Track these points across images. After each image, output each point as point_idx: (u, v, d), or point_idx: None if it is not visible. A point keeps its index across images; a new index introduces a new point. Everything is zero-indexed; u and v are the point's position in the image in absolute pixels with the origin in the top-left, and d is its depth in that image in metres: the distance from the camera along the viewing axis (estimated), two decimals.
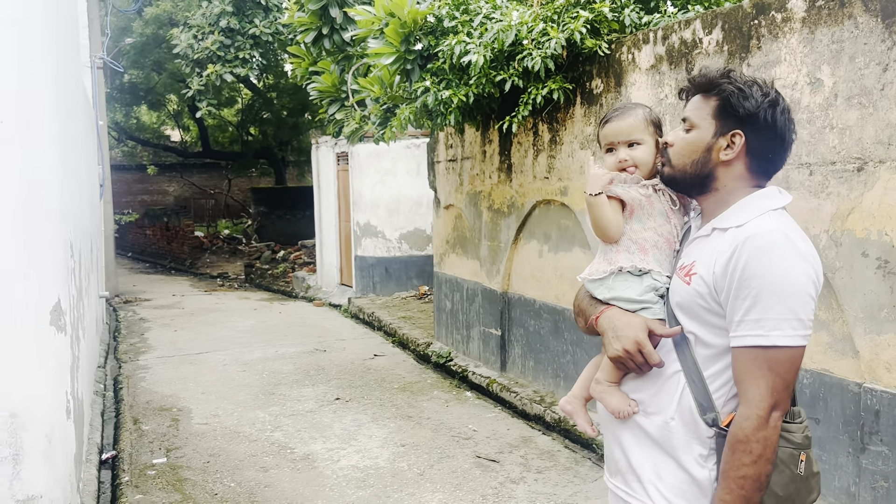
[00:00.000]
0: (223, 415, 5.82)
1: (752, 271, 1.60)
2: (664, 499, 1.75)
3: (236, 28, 12.33)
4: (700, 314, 1.71)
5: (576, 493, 4.28)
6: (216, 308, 11.65)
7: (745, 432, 1.60)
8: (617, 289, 1.86)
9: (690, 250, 1.80)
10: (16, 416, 3.30)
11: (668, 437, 1.75)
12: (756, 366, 1.60)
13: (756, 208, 1.70)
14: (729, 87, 1.72)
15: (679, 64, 4.42)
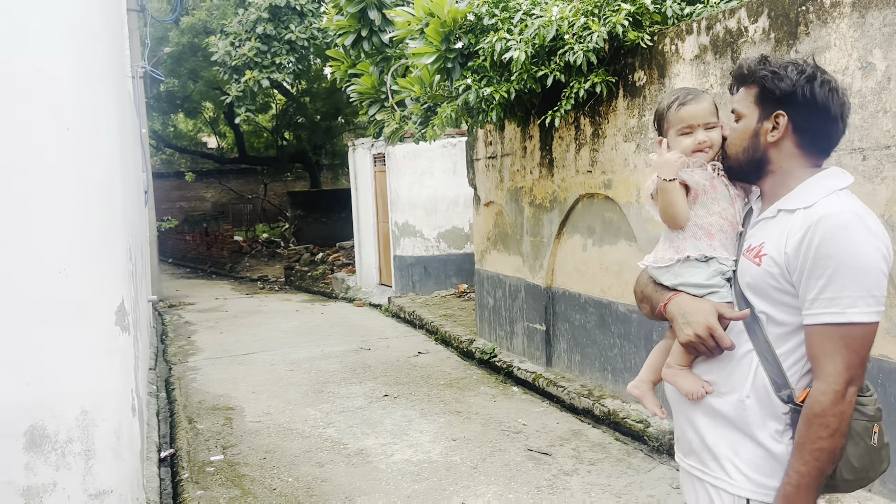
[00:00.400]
0: (275, 413, 5.92)
1: (826, 251, 1.62)
2: (741, 474, 1.78)
3: (272, 34, 12.51)
4: (771, 294, 1.74)
5: (630, 483, 4.29)
6: (259, 310, 11.82)
7: (822, 407, 1.62)
8: (684, 275, 1.89)
9: (756, 232, 1.83)
10: (86, 413, 3.42)
11: (744, 415, 1.78)
12: (832, 342, 1.63)
13: (822, 189, 1.72)
14: (763, 72, 1.77)
15: (724, 53, 4.41)
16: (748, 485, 1.77)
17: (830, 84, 1.75)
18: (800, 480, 1.66)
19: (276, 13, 12.58)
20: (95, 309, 3.44)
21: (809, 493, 1.66)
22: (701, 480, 1.89)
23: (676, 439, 2.02)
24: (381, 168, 12.00)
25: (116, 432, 3.54)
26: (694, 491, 1.93)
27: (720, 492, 1.83)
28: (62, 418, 3.33)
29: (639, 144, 5.17)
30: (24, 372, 3.18)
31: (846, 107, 1.76)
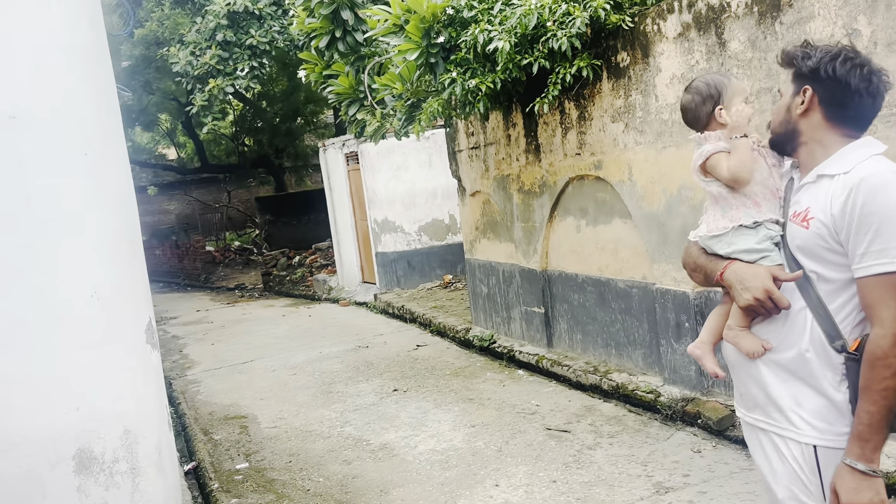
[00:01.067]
0: (289, 417, 5.98)
1: (870, 208, 1.76)
2: (806, 423, 1.91)
3: (232, 40, 12.42)
4: (821, 254, 1.87)
5: (653, 451, 4.45)
6: (244, 318, 11.79)
7: (883, 349, 1.76)
8: (737, 243, 2.02)
9: (800, 198, 1.96)
10: (129, 432, 3.45)
11: (806, 368, 1.91)
12: (885, 290, 1.77)
13: (858, 155, 1.87)
14: (795, 52, 1.96)
15: (708, 30, 4.56)
16: (813, 432, 1.90)
17: (853, 61, 1.89)
18: (871, 419, 1.78)
19: (235, 19, 12.49)
20: (128, 329, 3.47)
21: (881, 430, 1.79)
22: (766, 432, 2.01)
23: (739, 396, 2.14)
24: (355, 166, 12.03)
25: (158, 448, 3.58)
26: (759, 443, 2.06)
27: (787, 441, 1.95)
28: (107, 439, 3.36)
29: (627, 124, 5.31)
30: (70, 397, 3.20)
31: (874, 83, 1.89)
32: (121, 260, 3.46)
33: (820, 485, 1.90)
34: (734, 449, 4.34)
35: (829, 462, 1.88)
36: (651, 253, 5.26)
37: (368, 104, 7.55)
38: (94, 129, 3.31)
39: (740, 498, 3.73)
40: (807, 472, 1.91)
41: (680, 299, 5.05)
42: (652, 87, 5.05)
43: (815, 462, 1.90)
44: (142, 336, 3.58)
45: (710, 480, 3.97)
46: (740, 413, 2.15)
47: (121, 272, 3.44)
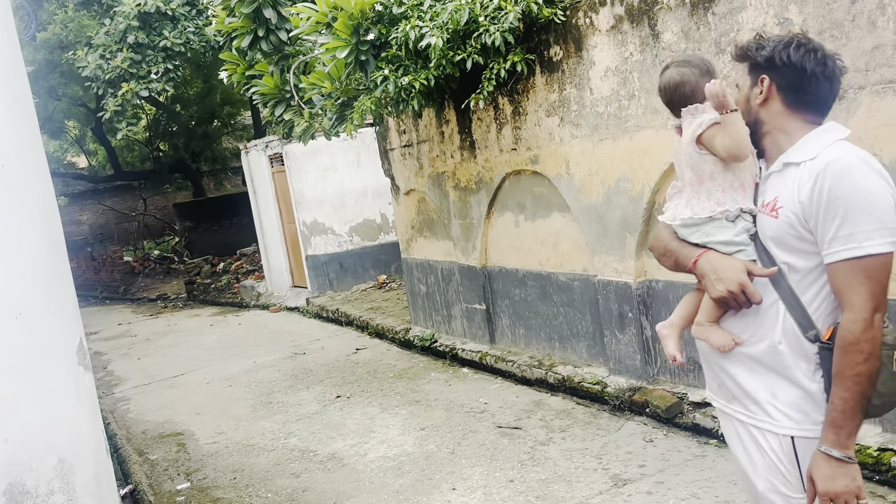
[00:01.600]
0: (228, 431, 5.75)
1: (836, 193, 1.75)
2: (782, 414, 1.90)
3: (145, 42, 11.93)
4: (791, 243, 1.86)
5: (606, 443, 4.46)
6: (170, 330, 11.36)
7: (855, 335, 1.76)
8: (714, 234, 1.96)
9: (767, 188, 1.94)
10: (64, 461, 3.23)
11: (778, 360, 1.90)
12: (854, 275, 1.76)
13: (823, 141, 1.86)
14: (749, 44, 1.95)
15: (641, 21, 4.59)
16: (790, 423, 1.89)
17: (807, 47, 1.89)
18: (844, 406, 1.78)
19: (147, 20, 11.99)
20: (57, 351, 3.24)
21: (855, 416, 1.79)
22: (744, 424, 2.00)
23: (717, 388, 2.11)
24: (280, 168, 11.75)
25: (96, 477, 3.36)
26: (737, 435, 2.04)
27: (765, 433, 1.94)
28: (41, 471, 3.13)
29: (562, 118, 5.31)
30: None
31: (830, 66, 1.89)
32: (46, 278, 3.23)
33: (799, 475, 1.90)
34: (685, 436, 4.39)
35: (806, 452, 1.87)
36: (591, 245, 5.28)
37: (295, 104, 7.35)
38: (10, 138, 3.07)
39: (697, 485, 3.76)
40: (785, 464, 1.91)
41: (622, 290, 5.08)
42: (586, 80, 5.06)
43: (794, 453, 1.89)
44: (73, 357, 3.35)
45: (665, 470, 4.00)
46: (719, 404, 2.12)
47: (47, 291, 3.21)
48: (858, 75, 3.48)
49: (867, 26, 3.42)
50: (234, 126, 22.88)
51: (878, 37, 3.39)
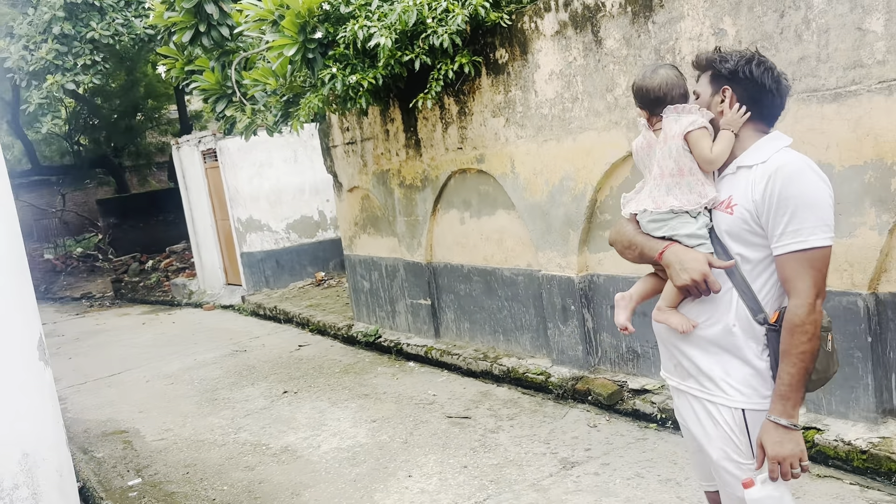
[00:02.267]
0: (175, 428, 5.73)
1: (786, 193, 1.99)
2: (735, 389, 2.13)
3: (71, 34, 11.59)
4: (744, 237, 2.09)
5: (553, 429, 4.68)
6: (100, 329, 11.10)
7: (801, 317, 1.99)
8: (679, 228, 2.17)
9: (722, 188, 2.17)
10: (27, 455, 3.23)
11: (732, 341, 2.12)
12: (800, 265, 2.00)
13: (772, 147, 2.10)
14: (713, 57, 2.16)
15: (584, 28, 4.82)
16: (741, 398, 2.12)
17: (765, 65, 2.14)
18: (791, 380, 2.01)
19: (73, 11, 11.65)
20: (20, 346, 3.23)
21: (799, 389, 2.03)
22: (700, 399, 2.21)
23: (672, 367, 2.32)
24: (213, 164, 11.60)
25: (58, 470, 3.37)
26: (692, 410, 2.26)
27: (718, 407, 2.16)
28: (5, 464, 3.12)
29: (508, 119, 5.51)
30: None
31: (782, 84, 2.15)
32: (6, 273, 3.21)
33: (749, 443, 2.12)
34: (627, 421, 4.65)
35: (755, 422, 2.10)
36: (535, 242, 5.50)
37: (237, 100, 7.33)
38: None
39: (640, 466, 4.01)
40: (737, 433, 2.13)
41: (565, 284, 5.32)
42: (531, 82, 5.27)
43: (744, 423, 2.12)
44: (34, 353, 3.34)
45: (610, 452, 4.24)
46: (674, 382, 2.33)
47: (7, 286, 3.20)
48: None
49: (794, 39, 3.73)
50: (159, 120, 22.30)
51: (803, 49, 3.70)
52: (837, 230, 3.65)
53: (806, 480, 3.62)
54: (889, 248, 3.58)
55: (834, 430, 3.80)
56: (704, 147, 2.12)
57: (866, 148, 3.54)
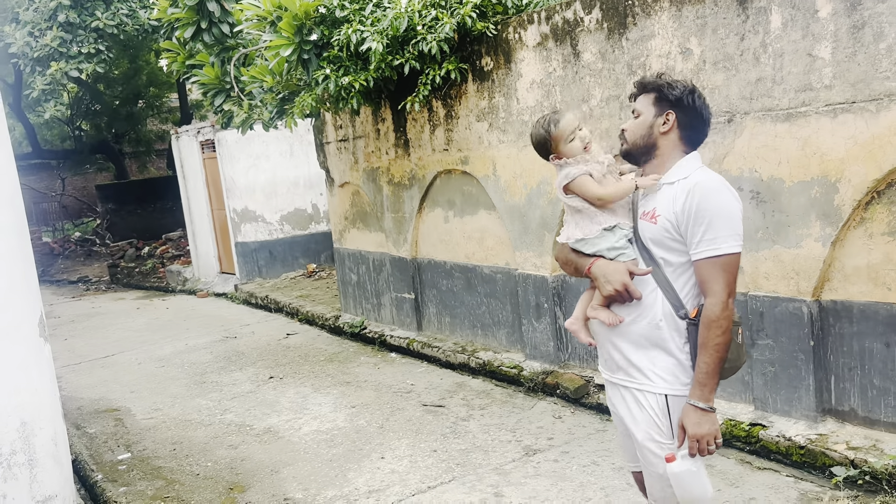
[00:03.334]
0: (165, 408, 6.00)
1: (703, 206, 2.28)
2: (659, 378, 2.41)
3: (76, 22, 11.83)
4: (667, 243, 2.38)
5: (520, 419, 4.96)
6: (95, 313, 11.35)
7: (716, 313, 2.28)
8: (600, 244, 2.47)
9: (647, 201, 2.46)
10: (26, 424, 3.49)
11: (659, 334, 2.40)
12: (715, 269, 2.30)
13: (691, 166, 2.41)
14: (661, 82, 2.43)
15: (564, 41, 5.09)
16: (664, 384, 2.40)
17: (703, 98, 2.45)
18: (707, 369, 2.30)
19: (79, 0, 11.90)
20: (22, 322, 3.49)
21: (715, 376, 2.32)
22: (628, 388, 2.49)
23: (603, 362, 2.61)
24: (211, 155, 11.85)
25: (53, 440, 3.63)
26: (622, 398, 2.53)
27: (645, 394, 2.44)
28: (5, 432, 3.39)
29: (491, 124, 5.77)
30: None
31: (709, 114, 2.46)
32: (12, 254, 3.47)
33: (670, 426, 2.41)
34: (590, 414, 4.93)
35: (676, 407, 2.39)
36: (513, 241, 5.77)
37: (235, 95, 7.59)
38: None
39: (598, 454, 4.29)
40: (660, 416, 2.41)
41: (539, 283, 5.59)
42: (514, 90, 5.53)
43: (667, 408, 2.40)
44: (35, 330, 3.61)
45: (571, 442, 4.52)
46: (606, 375, 2.61)
47: (13, 267, 3.46)
48: (744, 102, 4.06)
49: (752, 61, 4.00)
50: (160, 108, 22.51)
51: (760, 71, 3.97)
52: (787, 241, 3.96)
53: (745, 472, 3.90)
54: (832, 258, 3.86)
55: (777, 426, 4.07)
56: (588, 192, 2.43)
57: (813, 165, 3.82)
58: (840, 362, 3.94)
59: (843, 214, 3.74)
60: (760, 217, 4.06)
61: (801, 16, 3.75)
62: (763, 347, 4.18)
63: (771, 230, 4.05)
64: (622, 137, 2.50)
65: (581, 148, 2.47)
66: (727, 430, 4.23)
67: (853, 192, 3.68)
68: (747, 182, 4.09)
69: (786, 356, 4.09)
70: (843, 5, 3.59)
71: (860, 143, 3.62)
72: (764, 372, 4.21)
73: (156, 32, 12.54)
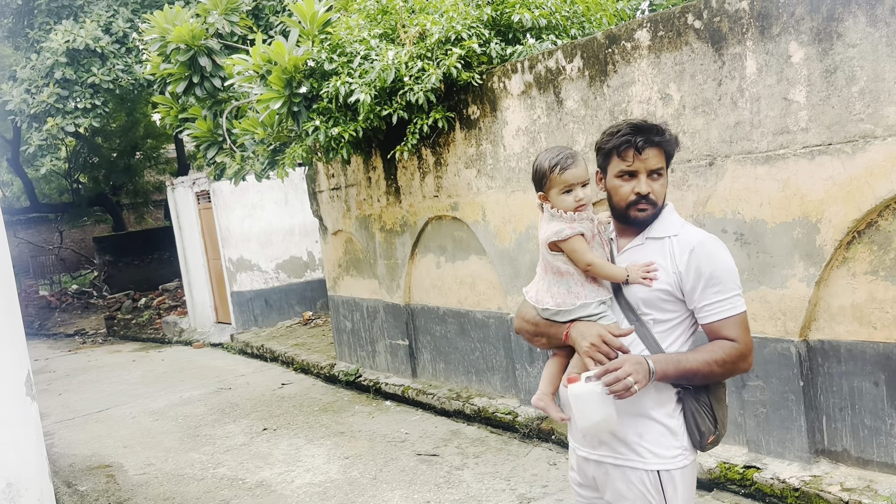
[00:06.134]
0: (157, 462, 5.95)
1: (713, 268, 2.16)
2: (649, 452, 2.22)
3: (72, 78, 12.01)
4: (659, 304, 2.23)
5: (515, 467, 4.91)
6: (91, 366, 11.30)
7: (734, 357, 2.16)
8: (577, 313, 2.27)
9: (628, 257, 2.29)
10: (11, 485, 3.46)
11: (641, 402, 2.21)
12: (738, 327, 2.18)
13: (675, 220, 2.29)
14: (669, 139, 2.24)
15: (547, 89, 5.18)
16: (656, 460, 2.21)
17: None
18: (688, 366, 2.13)
19: (75, 56, 12.09)
20: (8, 381, 3.49)
21: (684, 377, 2.15)
22: (615, 465, 2.28)
23: (581, 437, 2.35)
24: (207, 205, 11.93)
25: (40, 500, 3.60)
26: (605, 475, 2.31)
27: (636, 471, 2.24)
28: None
29: (479, 170, 5.84)
30: None
31: None
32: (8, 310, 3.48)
33: (663, 501, 2.22)
34: None
35: (669, 481, 2.21)
36: (505, 286, 5.78)
37: (227, 147, 7.68)
38: None
39: None
40: (653, 493, 2.22)
41: None
42: (500, 137, 5.61)
43: (660, 484, 2.22)
44: (21, 388, 3.60)
45: (565, 489, 4.47)
46: (584, 452, 2.35)
47: (8, 322, 3.46)
48: (724, 146, 4.11)
49: (730, 105, 4.06)
50: (158, 159, 22.72)
51: (738, 115, 4.03)
52: (772, 281, 3.98)
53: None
54: (817, 298, 3.87)
55: (771, 468, 4.04)
56: (580, 256, 2.20)
57: (794, 206, 3.86)
58: (831, 402, 3.93)
59: (825, 254, 3.76)
60: (745, 258, 4.09)
61: (775, 61, 3.83)
62: (754, 389, 4.17)
63: (756, 271, 4.07)
64: (647, 202, 2.22)
65: (571, 204, 2.21)
66: (722, 474, 4.19)
67: (834, 232, 3.71)
68: (731, 224, 4.13)
69: (777, 397, 4.08)
70: (815, 50, 3.67)
71: (838, 183, 3.66)
72: (756, 413, 4.19)
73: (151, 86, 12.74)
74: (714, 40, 4.09)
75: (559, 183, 2.22)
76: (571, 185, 2.21)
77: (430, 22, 5.61)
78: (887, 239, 3.61)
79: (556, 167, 2.22)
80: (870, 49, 3.48)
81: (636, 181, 2.20)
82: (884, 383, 3.70)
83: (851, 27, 3.53)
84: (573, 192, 2.21)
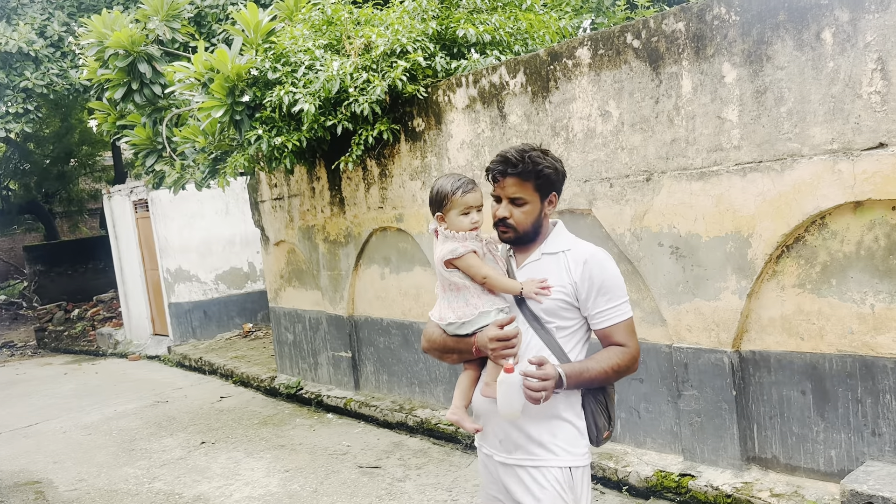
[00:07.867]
0: (89, 478, 5.77)
1: (602, 278, 2.36)
2: (562, 450, 2.36)
3: (4, 82, 11.64)
4: (559, 312, 2.39)
5: (457, 478, 4.93)
6: (20, 379, 10.91)
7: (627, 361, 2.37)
8: (479, 322, 2.41)
9: (527, 272, 2.45)
10: None
11: (555, 405, 2.36)
12: (627, 332, 2.39)
13: (566, 237, 2.47)
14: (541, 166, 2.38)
15: (491, 103, 5.25)
16: (568, 457, 2.36)
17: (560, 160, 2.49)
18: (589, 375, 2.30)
19: (7, 60, 11.73)
20: None
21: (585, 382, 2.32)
22: (525, 468, 2.39)
23: (497, 443, 2.45)
24: (144, 214, 11.68)
25: None
26: (518, 480, 2.41)
27: (550, 469, 2.36)
28: None
29: (424, 182, 5.87)
30: None
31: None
32: None
33: (575, 498, 2.36)
34: None
35: (580, 477, 2.37)
36: None
37: (167, 155, 7.54)
38: None
39: None
40: (567, 490, 2.35)
41: None
42: (445, 150, 5.65)
43: (571, 479, 2.36)
44: None
45: None
46: (500, 458, 2.45)
47: None
48: (661, 162, 4.24)
49: (667, 122, 4.19)
50: (93, 167, 22.12)
51: (674, 132, 4.16)
52: (706, 294, 4.11)
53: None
54: (748, 310, 4.01)
55: (705, 476, 4.16)
56: (475, 271, 2.37)
57: (727, 221, 4.00)
58: (761, 411, 4.07)
59: (756, 268, 3.91)
60: (680, 271, 4.21)
61: (710, 80, 3.97)
62: (689, 398, 4.29)
63: (691, 283, 4.20)
64: (506, 226, 2.41)
65: (467, 225, 2.39)
66: (658, 482, 4.29)
67: (764, 246, 3.86)
68: (667, 238, 4.25)
69: (710, 406, 4.20)
70: (747, 71, 3.82)
71: (768, 200, 3.81)
72: (691, 422, 4.31)
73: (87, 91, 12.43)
74: (652, 59, 4.21)
75: (460, 205, 2.41)
76: (470, 207, 2.41)
77: (375, 34, 5.64)
78: (813, 253, 3.77)
79: (459, 190, 2.42)
80: (797, 71, 3.65)
81: (500, 206, 2.41)
82: (810, 392, 3.86)
83: (780, 50, 3.69)
84: (470, 214, 2.41)
